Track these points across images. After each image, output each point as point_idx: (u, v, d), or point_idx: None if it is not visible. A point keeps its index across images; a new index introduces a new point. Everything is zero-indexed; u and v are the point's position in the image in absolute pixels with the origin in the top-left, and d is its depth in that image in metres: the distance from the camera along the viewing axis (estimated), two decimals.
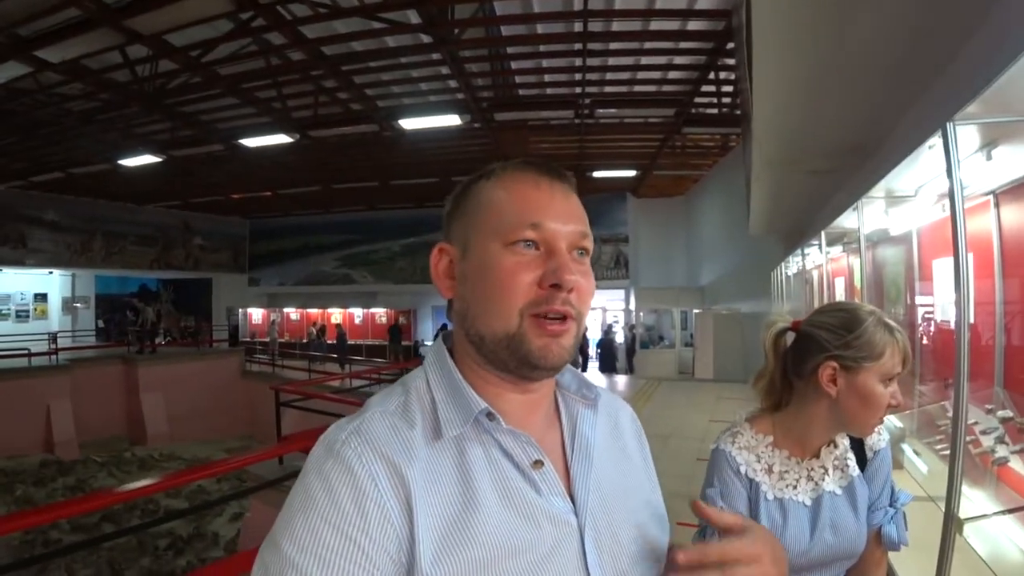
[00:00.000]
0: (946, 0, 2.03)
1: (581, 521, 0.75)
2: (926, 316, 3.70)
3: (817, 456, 1.35)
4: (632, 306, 18.79)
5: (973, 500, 2.46)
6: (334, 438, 0.72)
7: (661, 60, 10.15)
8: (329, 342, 21.33)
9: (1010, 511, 2.10)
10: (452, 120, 11.47)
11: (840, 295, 6.29)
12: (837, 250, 5.56)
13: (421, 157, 15.36)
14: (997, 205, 2.72)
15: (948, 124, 1.59)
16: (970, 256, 2.94)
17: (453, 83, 10.96)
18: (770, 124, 4.03)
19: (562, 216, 0.77)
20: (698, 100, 11.52)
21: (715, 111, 11.37)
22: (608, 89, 11.52)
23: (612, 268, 18.98)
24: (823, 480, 1.32)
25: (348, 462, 0.68)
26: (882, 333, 1.23)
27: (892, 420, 3.54)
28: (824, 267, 6.14)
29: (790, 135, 4.17)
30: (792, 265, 7.85)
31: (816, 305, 6.71)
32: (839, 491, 1.32)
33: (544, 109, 12.38)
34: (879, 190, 2.68)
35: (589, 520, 0.76)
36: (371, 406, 0.77)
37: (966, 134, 1.81)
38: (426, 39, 9.10)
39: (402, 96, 11.90)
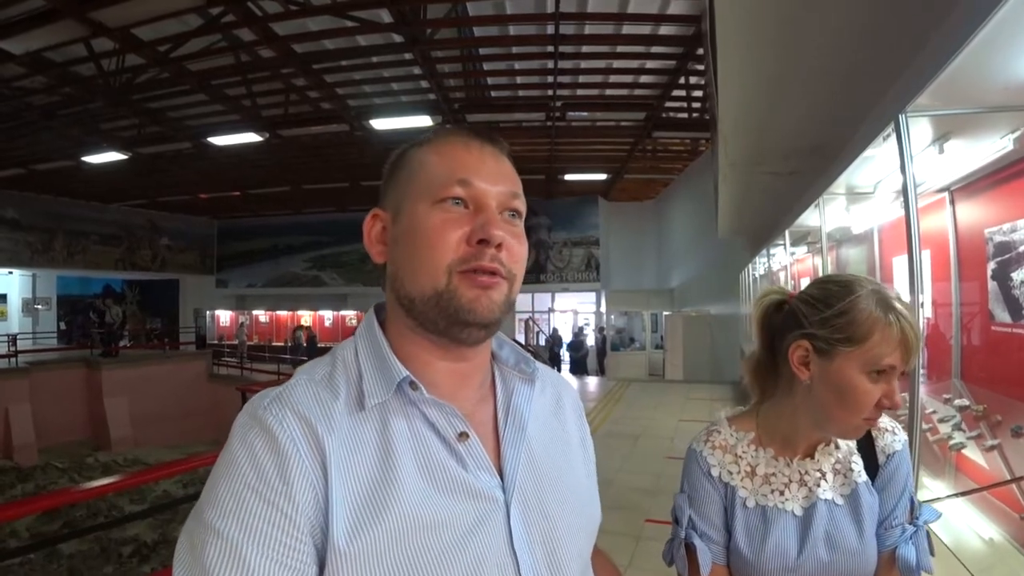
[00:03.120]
0: (899, 2, 2.10)
1: (508, 497, 0.74)
2: None
3: (811, 457, 1.13)
4: (603, 308, 18.91)
5: (931, 488, 2.53)
6: (257, 404, 0.70)
7: (633, 64, 10.26)
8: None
9: (962, 494, 2.15)
10: (423, 121, 11.42)
11: None
12: (803, 251, 5.68)
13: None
14: (952, 202, 2.81)
15: (900, 116, 1.63)
16: (927, 253, 3.06)
17: (425, 83, 10.92)
18: (735, 124, 4.12)
19: (492, 176, 0.76)
20: (669, 104, 11.66)
21: (685, 116, 11.54)
22: (580, 92, 11.60)
23: (583, 271, 19.10)
24: (818, 486, 1.10)
25: (270, 427, 0.66)
26: (872, 312, 0.99)
27: None
28: (789, 267, 6.25)
29: (753, 135, 4.27)
30: (759, 266, 7.98)
31: None
32: (839, 500, 1.09)
33: (516, 111, 12.41)
34: (839, 186, 2.74)
35: (517, 496, 0.75)
36: (298, 374, 0.75)
37: (919, 127, 1.86)
38: (398, 38, 9.06)
39: (373, 96, 11.81)
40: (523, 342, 19.63)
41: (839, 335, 1.01)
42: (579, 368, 17.47)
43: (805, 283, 6.46)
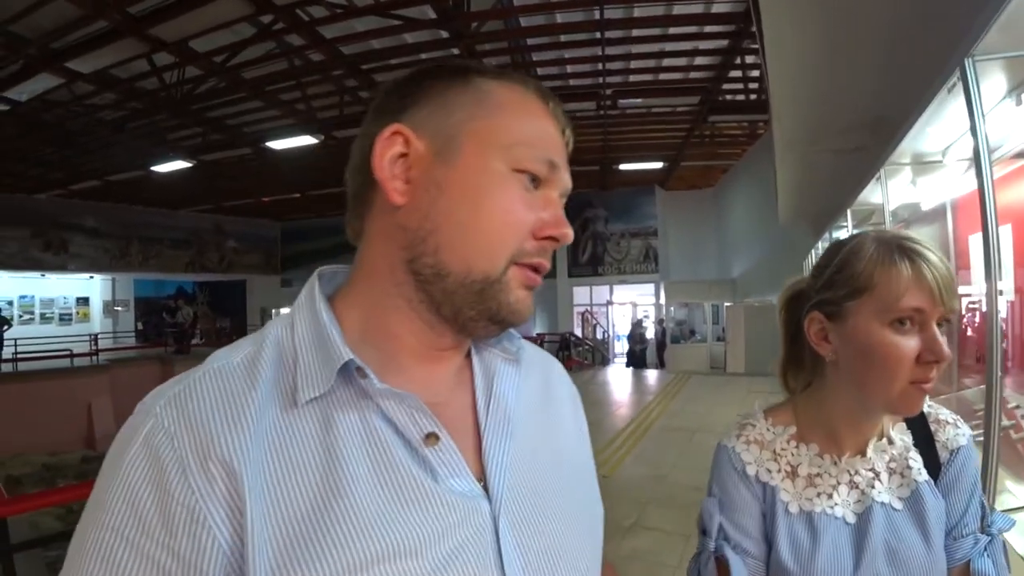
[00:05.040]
0: None
1: (495, 508, 0.58)
2: (963, 294, 3.47)
3: (862, 454, 0.95)
4: (662, 300, 18.50)
5: (1015, 493, 2.27)
6: (147, 410, 0.53)
7: (686, 46, 9.85)
8: None
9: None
10: None
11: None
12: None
13: None
14: None
15: (966, 60, 1.39)
16: (1007, 228, 2.75)
17: None
18: (786, 100, 3.86)
19: (566, 163, 0.67)
20: (725, 87, 11.20)
21: (742, 98, 11.04)
22: (632, 78, 11.27)
23: (641, 262, 18.72)
24: (873, 487, 0.92)
25: (155, 447, 0.50)
26: (872, 255, 0.87)
27: (930, 408, 3.30)
28: None
29: (807, 109, 3.98)
30: (823, 252, 7.55)
31: None
32: (898, 503, 0.91)
33: (568, 101, 12.21)
34: (903, 155, 2.47)
35: (507, 507, 0.59)
36: (211, 359, 0.58)
37: (990, 76, 1.61)
38: (444, 34, 8.99)
39: None
40: (580, 335, 19.43)
41: (843, 290, 0.89)
42: (638, 362, 17.11)
43: None
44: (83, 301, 20.52)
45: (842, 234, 4.97)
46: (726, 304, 15.77)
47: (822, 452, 0.96)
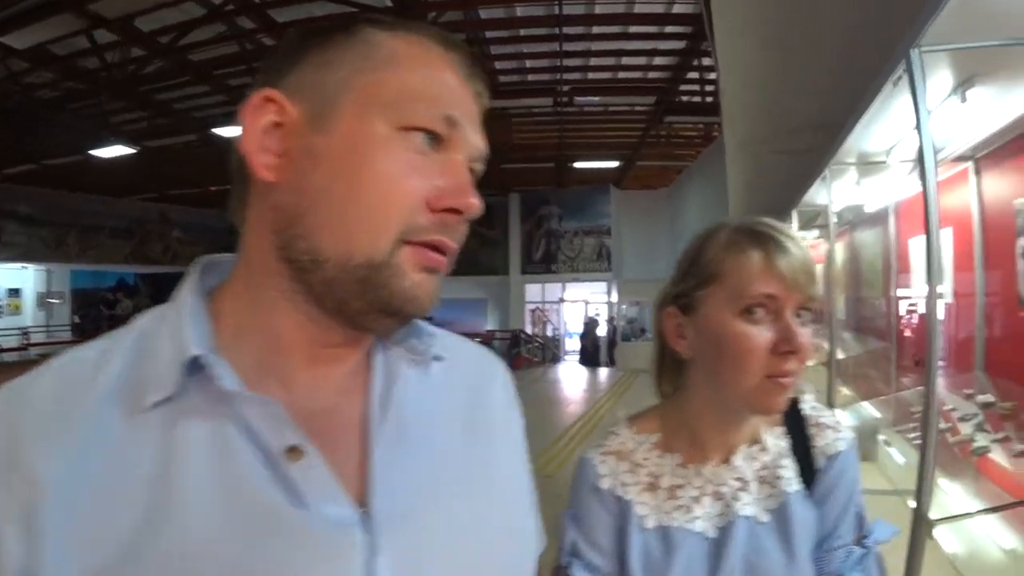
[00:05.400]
0: None
1: (375, 538, 0.47)
2: (902, 296, 3.52)
3: (727, 462, 0.89)
4: (615, 299, 18.64)
5: (950, 494, 2.28)
6: None
7: (646, 45, 9.85)
8: None
9: (985, 511, 1.90)
10: None
11: (819, 285, 6.12)
12: (815, 235, 5.38)
13: None
14: (977, 172, 2.52)
15: (912, 51, 1.35)
16: (948, 231, 2.78)
17: None
18: (737, 101, 3.85)
19: (474, 123, 0.55)
20: (682, 88, 11.28)
21: (698, 100, 11.14)
22: (591, 76, 11.25)
23: (594, 260, 18.78)
24: (738, 499, 0.86)
25: None
26: (722, 243, 0.83)
27: (869, 409, 3.36)
28: None
29: (758, 111, 3.98)
30: None
31: None
32: (764, 516, 0.85)
33: (525, 97, 12.12)
34: (848, 153, 2.45)
35: (390, 538, 0.48)
36: (66, 353, 0.51)
37: (937, 74, 1.58)
38: None
39: None
40: (530, 333, 19.44)
41: (694, 280, 0.85)
42: (591, 359, 17.21)
43: (819, 270, 6.23)
44: (14, 293, 19.46)
45: None
46: None
47: (685, 462, 0.89)
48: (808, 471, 0.87)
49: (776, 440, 0.90)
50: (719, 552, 0.83)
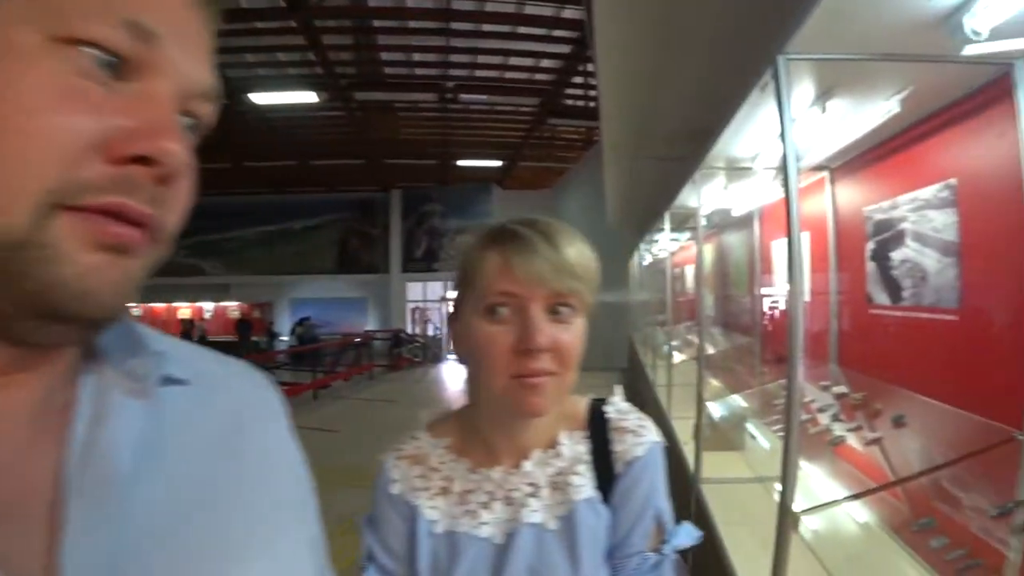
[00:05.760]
0: None
1: None
2: (766, 295, 3.74)
3: (518, 467, 0.88)
4: None
5: (814, 478, 2.45)
6: None
7: (534, 47, 9.96)
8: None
9: (848, 498, 2.05)
10: (308, 97, 10.69)
11: (690, 284, 6.44)
12: (687, 237, 5.63)
13: (279, 137, 14.34)
14: (832, 181, 2.71)
15: (779, 58, 1.41)
16: (806, 235, 2.98)
17: (312, 55, 10.19)
18: (615, 104, 3.94)
19: (191, 38, 0.41)
20: (567, 91, 11.51)
21: (582, 104, 11.40)
22: (478, 74, 11.22)
23: None
24: (526, 505, 0.85)
25: None
26: (473, 246, 0.84)
27: (738, 400, 3.54)
28: (671, 253, 6.22)
29: (633, 116, 4.11)
30: (645, 254, 7.98)
31: (669, 295, 6.90)
32: (553, 523, 0.84)
33: (411, 91, 11.91)
34: (717, 158, 2.56)
35: None
36: None
37: (800, 86, 1.68)
38: (281, 3, 8.37)
39: (256, 67, 10.93)
40: (411, 333, 19.19)
41: (456, 287, 0.88)
42: None
43: (690, 271, 6.48)
44: None
45: (661, 236, 5.22)
46: None
47: (477, 466, 0.90)
48: (606, 477, 0.87)
49: (574, 445, 0.89)
50: (503, 559, 0.82)
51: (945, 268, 1.92)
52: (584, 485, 0.85)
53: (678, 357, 5.35)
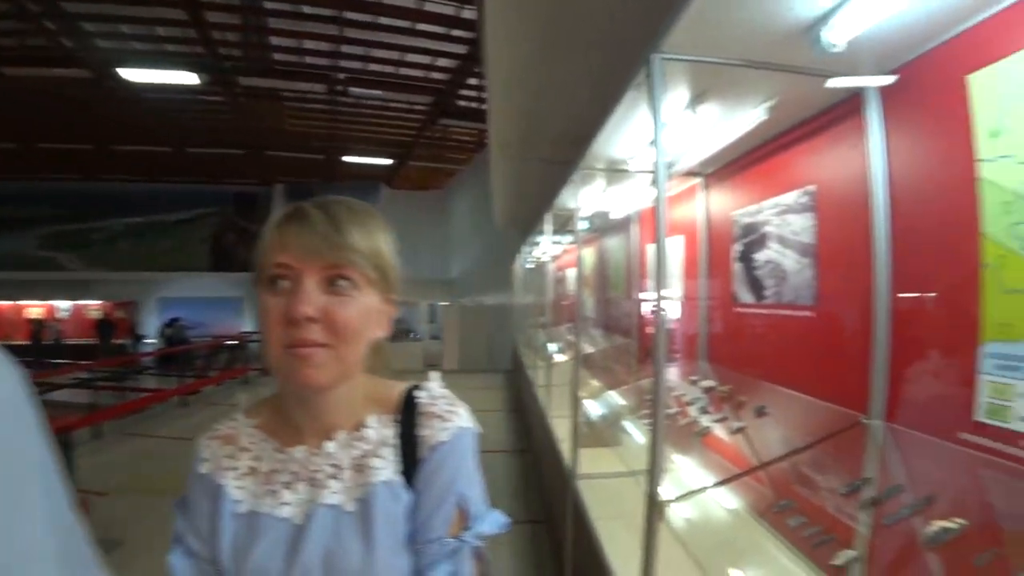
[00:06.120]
0: None
1: None
2: (642, 297, 3.88)
3: (319, 448, 0.88)
4: None
5: (684, 468, 2.54)
6: None
7: (432, 45, 9.79)
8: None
9: (712, 486, 2.14)
10: (187, 78, 9.86)
11: (573, 286, 6.58)
12: (570, 240, 5.74)
13: (154, 120, 13.23)
14: (706, 187, 2.84)
15: (653, 57, 1.45)
16: (680, 238, 3.11)
17: (194, 33, 9.45)
18: (502, 103, 3.96)
19: None
20: (460, 92, 11.43)
21: (475, 105, 11.39)
22: (372, 67, 10.90)
23: None
24: (327, 487, 0.85)
25: None
26: (274, 222, 0.84)
27: (616, 398, 3.64)
28: (553, 256, 6.34)
29: (521, 117, 4.15)
30: (529, 256, 8.08)
31: (551, 298, 7.02)
32: (351, 505, 0.84)
33: (299, 80, 11.38)
34: (596, 158, 2.62)
35: None
36: None
37: (675, 91, 1.73)
38: None
39: (132, 39, 9.89)
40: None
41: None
42: None
43: (571, 274, 6.60)
44: None
45: (543, 238, 5.30)
46: (443, 303, 16.31)
47: (283, 446, 0.89)
48: (411, 461, 0.87)
49: (382, 428, 0.89)
50: (300, 540, 0.82)
51: (803, 268, 2.06)
52: (384, 468, 0.85)
53: (559, 358, 5.46)
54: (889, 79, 1.61)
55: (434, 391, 0.93)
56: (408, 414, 0.90)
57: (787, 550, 1.94)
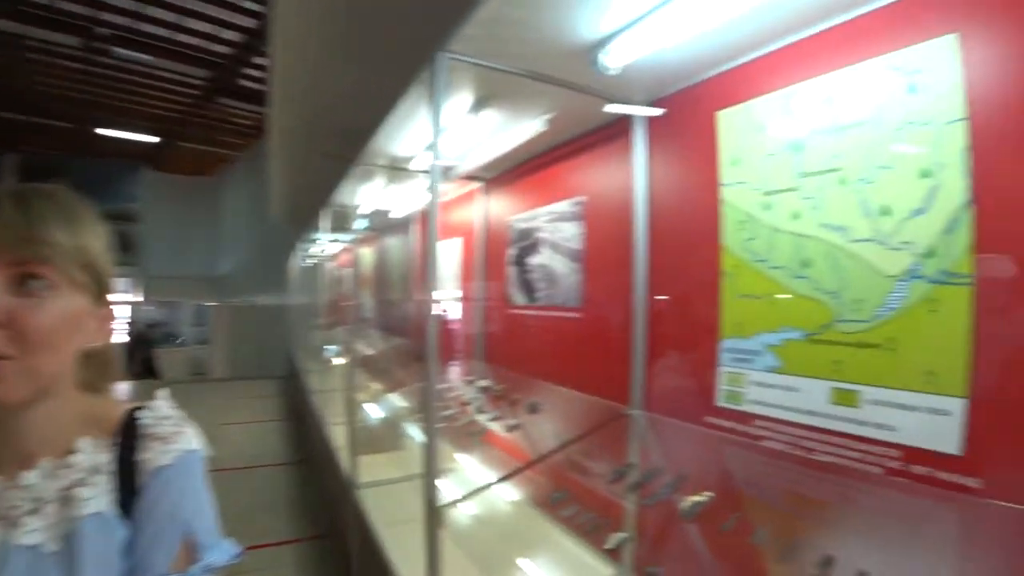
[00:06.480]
0: None
1: None
2: (422, 300, 3.88)
3: (11, 479, 0.74)
4: (141, 297, 16.50)
5: (467, 467, 2.57)
6: None
7: (219, 13, 8.67)
8: None
9: (502, 479, 2.21)
10: None
11: (349, 285, 6.41)
12: (351, 241, 5.58)
13: None
14: (487, 192, 2.91)
15: (439, 55, 1.44)
16: (459, 240, 3.16)
17: None
18: (286, 88, 3.72)
19: None
20: (244, 71, 10.44)
21: (259, 87, 10.44)
22: (144, 28, 9.36)
23: (116, 251, 16.30)
24: (23, 524, 0.71)
25: None
26: None
27: (397, 400, 3.59)
28: (333, 254, 6.15)
29: (305, 106, 3.92)
30: (307, 254, 7.72)
31: (330, 298, 6.76)
32: (52, 545, 0.71)
33: (47, 28, 9.36)
34: (377, 156, 2.56)
35: None
36: None
37: (459, 95, 1.77)
38: None
39: None
40: None
41: None
42: (144, 370, 14.22)
43: (349, 273, 6.44)
44: None
45: (321, 235, 5.09)
46: (211, 304, 14.99)
47: None
48: (128, 489, 0.76)
49: (95, 454, 0.77)
50: None
51: (572, 272, 2.20)
52: (95, 499, 0.73)
53: (338, 361, 5.27)
54: (656, 111, 1.80)
55: (160, 410, 0.82)
56: (128, 436, 0.78)
57: (569, 537, 2.06)
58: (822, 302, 1.35)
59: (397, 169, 2.75)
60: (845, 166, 1.31)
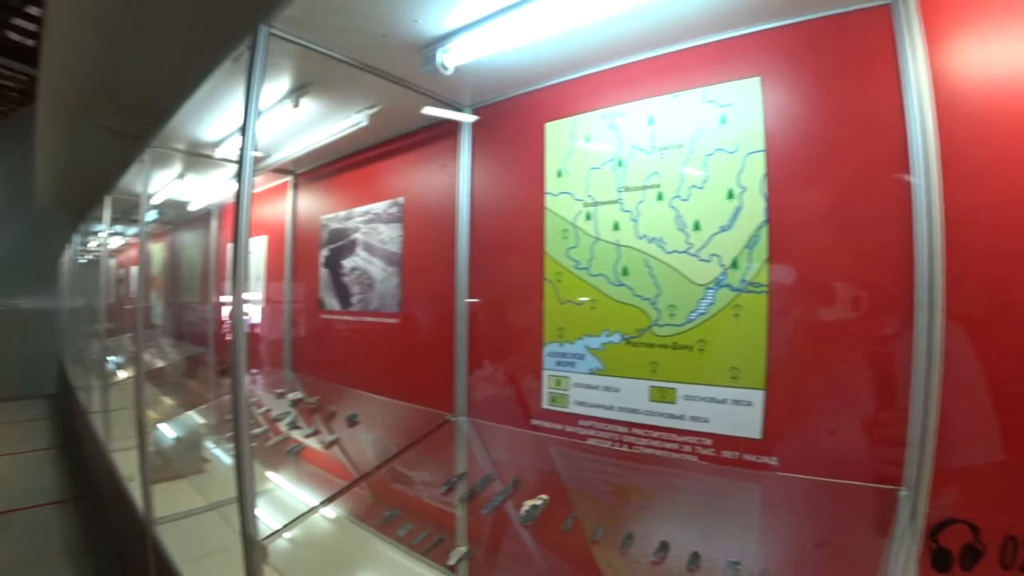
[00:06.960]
0: None
1: None
2: (223, 302, 3.55)
3: None
4: None
5: (287, 489, 2.36)
6: None
7: None
8: None
9: (326, 501, 2.03)
10: None
11: (136, 286, 5.71)
12: (135, 235, 4.96)
13: None
14: (296, 187, 2.73)
15: (261, 28, 1.30)
16: (264, 238, 2.92)
17: None
18: (64, 43, 3.13)
19: None
20: (14, 22, 8.76)
21: (32, 43, 8.85)
22: None
23: None
24: None
25: None
26: None
27: (195, 418, 3.22)
28: (115, 249, 5.46)
29: (87, 72, 3.35)
30: (84, 248, 6.75)
31: (112, 301, 5.95)
32: None
33: None
34: (176, 139, 2.28)
35: None
36: None
37: (278, 79, 1.62)
38: None
39: None
40: None
41: None
42: None
43: (135, 272, 5.75)
44: None
45: (103, 227, 4.45)
46: None
47: None
48: None
49: None
50: None
51: (389, 276, 2.12)
52: None
53: (122, 375, 4.63)
54: (472, 117, 1.80)
55: None
56: None
57: (408, 556, 1.94)
58: (640, 308, 1.44)
59: (198, 156, 2.45)
60: (663, 183, 1.42)
